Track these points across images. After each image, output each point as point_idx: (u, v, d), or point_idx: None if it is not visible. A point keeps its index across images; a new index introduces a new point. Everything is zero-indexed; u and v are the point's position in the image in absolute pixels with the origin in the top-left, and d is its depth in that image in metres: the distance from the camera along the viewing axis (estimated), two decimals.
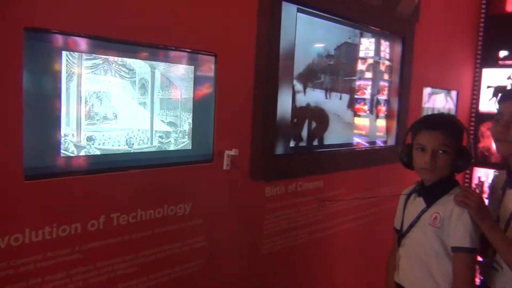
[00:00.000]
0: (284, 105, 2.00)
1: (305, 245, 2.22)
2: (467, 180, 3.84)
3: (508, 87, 3.65)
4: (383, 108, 2.72)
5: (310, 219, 2.23)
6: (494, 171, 3.69)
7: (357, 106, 2.49)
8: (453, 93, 3.59)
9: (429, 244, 1.53)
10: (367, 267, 2.72)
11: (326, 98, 2.27)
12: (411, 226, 1.59)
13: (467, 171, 3.78)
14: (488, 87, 3.75)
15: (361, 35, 2.48)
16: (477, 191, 3.77)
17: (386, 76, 2.73)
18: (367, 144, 2.66)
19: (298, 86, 2.09)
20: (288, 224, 2.10)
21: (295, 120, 2.10)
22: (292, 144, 2.09)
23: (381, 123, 2.73)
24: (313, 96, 2.18)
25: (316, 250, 2.32)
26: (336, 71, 2.32)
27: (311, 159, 2.22)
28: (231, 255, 1.85)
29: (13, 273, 1.21)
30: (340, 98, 2.38)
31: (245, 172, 1.85)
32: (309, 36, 2.13)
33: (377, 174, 2.71)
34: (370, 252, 2.75)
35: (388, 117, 2.79)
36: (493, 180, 1.70)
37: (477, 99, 3.80)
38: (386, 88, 2.72)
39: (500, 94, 1.57)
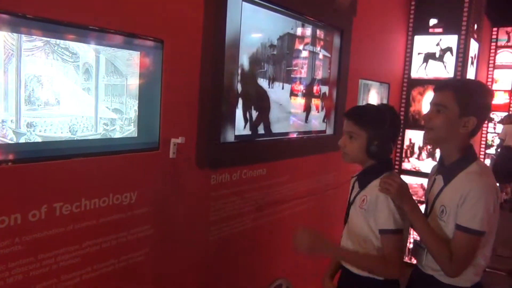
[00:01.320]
0: (229, 93, 2.01)
1: (250, 231, 2.27)
2: (399, 142, 4.12)
3: (437, 54, 3.93)
4: (317, 88, 2.80)
5: (254, 205, 2.27)
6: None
7: (293, 85, 2.54)
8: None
9: (359, 224, 1.67)
10: None
11: (269, 87, 2.31)
12: (349, 206, 1.72)
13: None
14: (419, 53, 4.02)
15: (303, 26, 2.54)
16: (409, 152, 4.10)
17: (322, 63, 2.83)
18: (309, 134, 2.75)
19: (244, 74, 2.11)
20: (233, 211, 2.13)
21: (240, 108, 2.12)
22: (237, 132, 2.11)
23: (316, 102, 2.81)
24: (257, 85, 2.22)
25: (261, 236, 2.38)
26: (279, 61, 2.37)
27: (255, 148, 2.26)
28: (179, 242, 1.84)
29: None
30: (283, 88, 2.43)
31: (191, 160, 1.85)
32: (253, 26, 2.15)
33: (317, 162, 2.82)
34: None
35: (323, 99, 2.88)
36: (432, 168, 1.86)
37: (409, 66, 4.08)
38: (321, 69, 2.80)
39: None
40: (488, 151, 7.99)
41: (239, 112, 2.11)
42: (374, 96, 3.60)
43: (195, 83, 1.82)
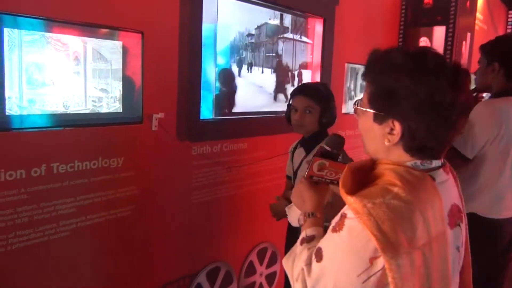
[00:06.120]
0: (207, 76, 2.33)
1: (229, 198, 2.59)
2: None
3: None
4: (297, 72, 3.06)
5: (233, 176, 2.59)
6: None
7: (272, 69, 2.81)
8: None
9: None
10: None
11: (248, 71, 2.61)
12: (296, 170, 2.01)
13: None
14: None
15: (281, 16, 2.82)
16: None
17: (303, 49, 3.10)
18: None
19: (220, 60, 2.42)
20: (215, 179, 2.46)
21: (217, 88, 2.44)
22: (215, 110, 2.42)
23: (295, 84, 3.04)
24: (235, 70, 2.52)
25: (237, 203, 2.68)
26: (258, 48, 2.66)
27: (234, 124, 2.57)
28: (164, 202, 2.19)
29: None
30: (262, 72, 2.72)
31: (172, 133, 2.18)
32: (231, 16, 2.45)
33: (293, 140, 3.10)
34: None
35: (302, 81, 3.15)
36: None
37: None
38: (302, 54, 3.08)
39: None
40: None
41: (216, 93, 2.42)
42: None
43: (174, 68, 2.14)
